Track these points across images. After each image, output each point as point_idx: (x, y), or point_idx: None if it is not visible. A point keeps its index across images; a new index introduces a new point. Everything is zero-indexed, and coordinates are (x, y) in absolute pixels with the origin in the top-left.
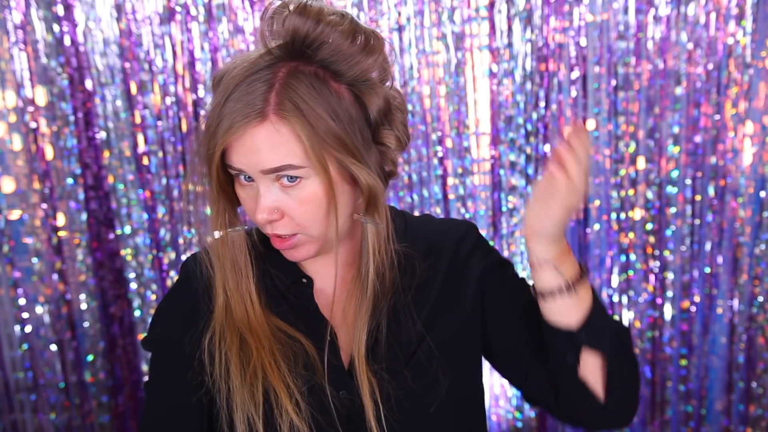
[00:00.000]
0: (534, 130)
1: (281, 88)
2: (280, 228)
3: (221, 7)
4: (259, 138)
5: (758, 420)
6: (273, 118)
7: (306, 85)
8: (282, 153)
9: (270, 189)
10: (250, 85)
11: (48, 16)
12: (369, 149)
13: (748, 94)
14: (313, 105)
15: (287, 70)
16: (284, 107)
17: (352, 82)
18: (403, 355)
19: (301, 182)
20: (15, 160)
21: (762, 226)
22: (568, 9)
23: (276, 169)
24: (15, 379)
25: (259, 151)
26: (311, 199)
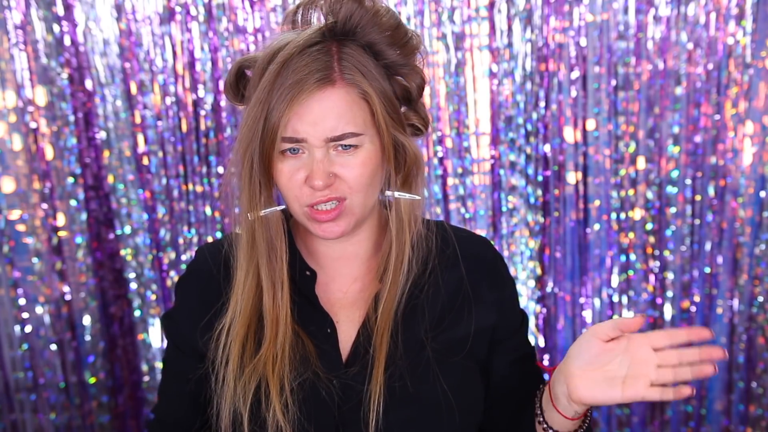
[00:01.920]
0: (534, 130)
1: (340, 56)
2: (334, 190)
3: (221, 7)
4: (328, 103)
5: (758, 420)
6: (341, 83)
7: (360, 54)
8: (347, 119)
9: (327, 154)
10: (312, 55)
11: (48, 16)
12: (406, 125)
13: (748, 94)
14: (377, 76)
15: (338, 45)
16: (349, 71)
17: (391, 65)
18: (415, 344)
19: (357, 148)
20: (15, 160)
21: (762, 226)
22: (568, 9)
23: (341, 137)
24: (15, 379)
25: (326, 119)
26: (366, 163)
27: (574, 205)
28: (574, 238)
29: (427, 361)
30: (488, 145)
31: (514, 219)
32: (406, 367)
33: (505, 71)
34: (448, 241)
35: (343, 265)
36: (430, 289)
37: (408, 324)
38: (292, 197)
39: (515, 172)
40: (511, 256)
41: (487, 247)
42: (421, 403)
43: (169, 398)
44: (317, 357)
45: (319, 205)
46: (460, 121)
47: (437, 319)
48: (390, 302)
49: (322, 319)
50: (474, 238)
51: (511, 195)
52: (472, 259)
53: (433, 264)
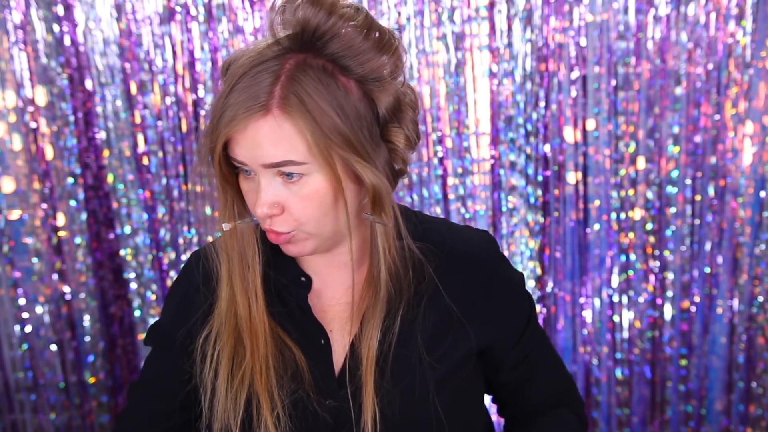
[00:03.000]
0: (534, 130)
1: (287, 81)
2: (278, 224)
3: (221, 7)
4: (261, 132)
5: (758, 420)
6: (276, 112)
7: (313, 79)
8: (284, 148)
9: (271, 183)
10: (255, 76)
11: (48, 16)
12: (377, 147)
13: (748, 94)
14: (319, 100)
15: (295, 62)
16: (288, 102)
17: (362, 78)
18: (407, 367)
19: (303, 178)
20: (15, 160)
21: (762, 226)
22: (568, 9)
23: (277, 164)
24: (15, 379)
25: (261, 146)
26: (312, 195)
27: (574, 205)
28: (574, 238)
29: (420, 384)
30: (488, 145)
31: (514, 219)
32: (397, 393)
33: (505, 71)
34: (440, 251)
35: (336, 272)
36: (422, 307)
37: (399, 346)
38: (254, 215)
39: (515, 172)
40: (511, 256)
41: (483, 247)
42: (415, 428)
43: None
44: (309, 371)
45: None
46: (460, 121)
47: (430, 340)
48: (373, 328)
49: (316, 329)
50: (469, 241)
51: (511, 195)
52: (465, 267)
53: (425, 280)
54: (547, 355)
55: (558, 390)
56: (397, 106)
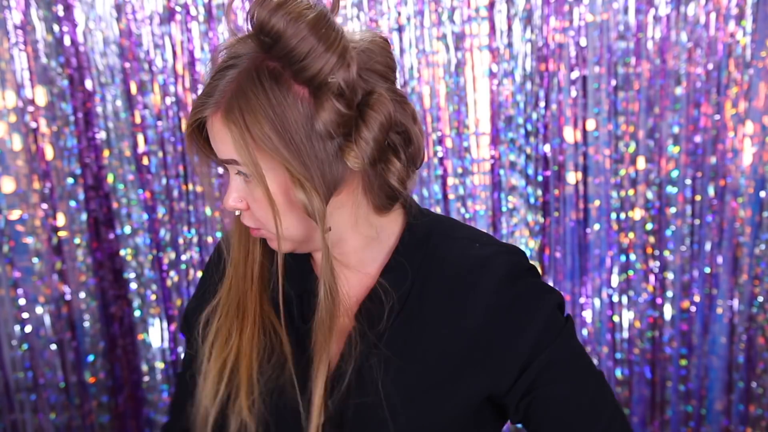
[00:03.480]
0: (534, 130)
1: (237, 87)
2: (246, 219)
3: (221, 7)
4: (213, 130)
5: (758, 420)
6: (219, 114)
7: (259, 87)
8: (228, 148)
9: (235, 179)
10: (220, 71)
11: (48, 16)
12: (325, 161)
13: (748, 94)
14: (257, 111)
15: (253, 65)
16: (228, 106)
17: (311, 82)
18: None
19: (253, 180)
20: (15, 160)
21: (762, 226)
22: (568, 9)
23: (226, 161)
24: (15, 379)
25: (215, 141)
26: (260, 198)
27: (574, 205)
28: (574, 238)
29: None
30: (488, 145)
31: (514, 219)
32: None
33: (505, 71)
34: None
35: (343, 276)
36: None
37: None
38: None
39: (515, 172)
40: None
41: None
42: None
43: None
44: (293, 364)
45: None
46: (460, 121)
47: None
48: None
49: (307, 335)
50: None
51: (511, 195)
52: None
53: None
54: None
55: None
56: (337, 122)
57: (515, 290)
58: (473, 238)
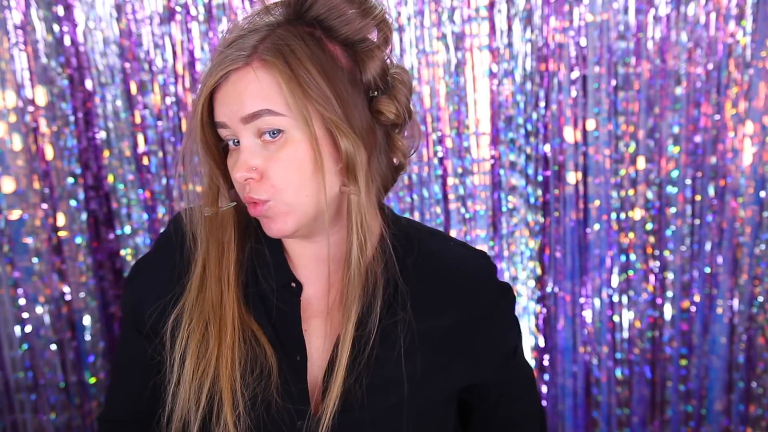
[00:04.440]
0: (534, 130)
1: (271, 38)
2: (255, 190)
3: (221, 7)
4: (240, 84)
5: (758, 420)
6: (256, 64)
7: (299, 39)
8: (261, 98)
9: (251, 144)
10: (243, 37)
11: (48, 16)
12: (360, 116)
13: (748, 94)
14: (301, 57)
15: (283, 29)
16: (269, 53)
17: (347, 41)
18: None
19: (282, 137)
20: (15, 160)
21: (762, 226)
22: (568, 9)
23: (255, 115)
24: (15, 379)
25: (240, 97)
26: (292, 157)
27: (574, 205)
28: (574, 238)
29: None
30: (488, 145)
31: (514, 219)
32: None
33: (505, 71)
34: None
35: (319, 266)
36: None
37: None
38: (238, 192)
39: (515, 172)
40: (511, 256)
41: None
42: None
43: (127, 391)
44: (278, 373)
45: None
46: (460, 121)
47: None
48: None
49: (296, 341)
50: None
51: (511, 195)
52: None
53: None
54: (528, 390)
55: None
56: (383, 75)
57: (495, 290)
58: (447, 237)
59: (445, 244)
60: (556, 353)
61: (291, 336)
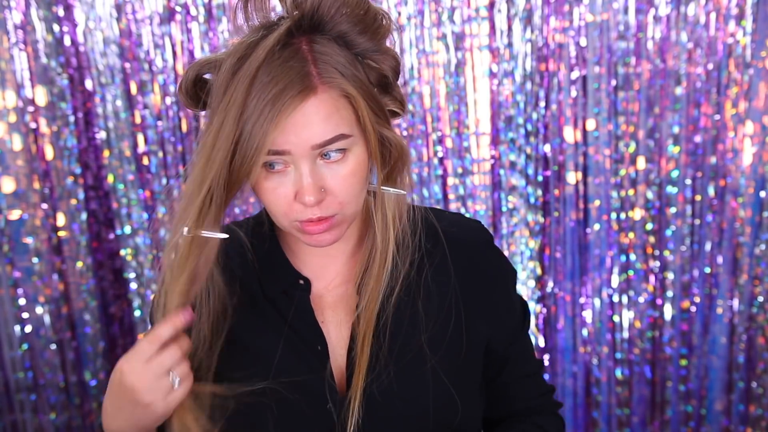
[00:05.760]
0: (534, 130)
1: (314, 57)
2: (323, 209)
3: (221, 7)
4: (310, 111)
5: (758, 420)
6: (322, 88)
7: (333, 49)
8: (335, 122)
9: (314, 167)
10: (282, 63)
11: (48, 16)
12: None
13: (748, 94)
14: (348, 66)
15: (307, 42)
16: (327, 74)
17: (364, 52)
18: (404, 345)
19: (346, 155)
20: (15, 160)
21: (762, 226)
22: (568, 9)
23: (328, 141)
24: (15, 379)
25: (311, 125)
26: (355, 170)
27: (574, 205)
28: (574, 238)
29: (415, 372)
30: (488, 145)
31: (514, 219)
32: (390, 377)
33: (505, 71)
34: (435, 236)
35: (329, 262)
36: (420, 291)
37: (395, 328)
38: (281, 213)
39: (515, 172)
40: (511, 256)
41: (476, 236)
42: (403, 417)
43: None
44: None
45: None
46: (460, 121)
47: (426, 325)
48: (373, 304)
49: (315, 336)
50: (462, 226)
51: (511, 195)
52: (460, 255)
53: (422, 262)
54: (530, 360)
55: (537, 394)
56: (393, 76)
57: (499, 253)
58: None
59: (444, 215)
60: (556, 353)
61: (309, 330)
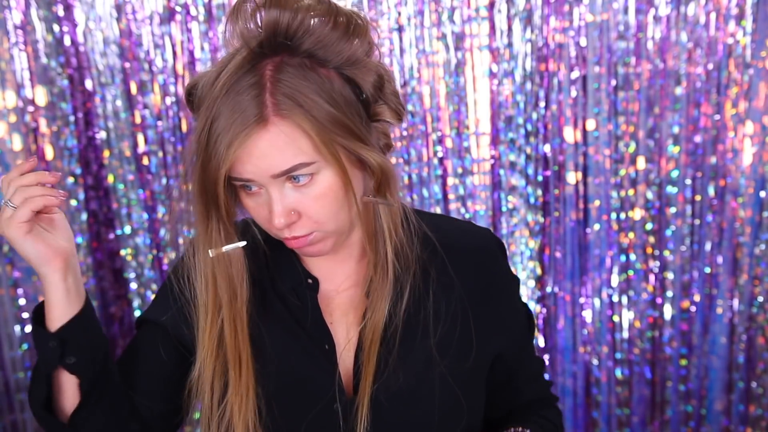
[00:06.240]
0: (534, 130)
1: (273, 86)
2: (298, 229)
3: (221, 7)
4: (264, 144)
5: (758, 420)
6: (274, 120)
7: (296, 76)
8: (291, 153)
9: (283, 191)
10: (239, 94)
11: (48, 16)
12: (369, 128)
13: (748, 94)
14: (310, 94)
15: (273, 66)
16: (283, 105)
17: (340, 66)
18: (412, 351)
19: (313, 178)
20: (15, 160)
21: (762, 226)
22: (568, 9)
23: (287, 171)
24: (15, 379)
25: (267, 156)
26: (326, 192)
27: (574, 205)
28: (574, 238)
29: (422, 377)
30: (488, 145)
31: (514, 219)
32: (399, 382)
33: (505, 71)
34: (432, 245)
35: (337, 264)
36: (427, 297)
37: (404, 334)
38: (265, 228)
39: (515, 172)
40: (511, 256)
41: (482, 244)
42: (408, 422)
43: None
44: (310, 364)
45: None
46: (460, 121)
47: (434, 331)
48: (380, 313)
49: (322, 335)
50: (470, 234)
51: (511, 195)
52: (465, 263)
53: (426, 270)
54: (535, 360)
55: (541, 390)
56: (379, 83)
57: (505, 262)
58: (443, 215)
59: (452, 224)
60: (556, 353)
61: (316, 328)
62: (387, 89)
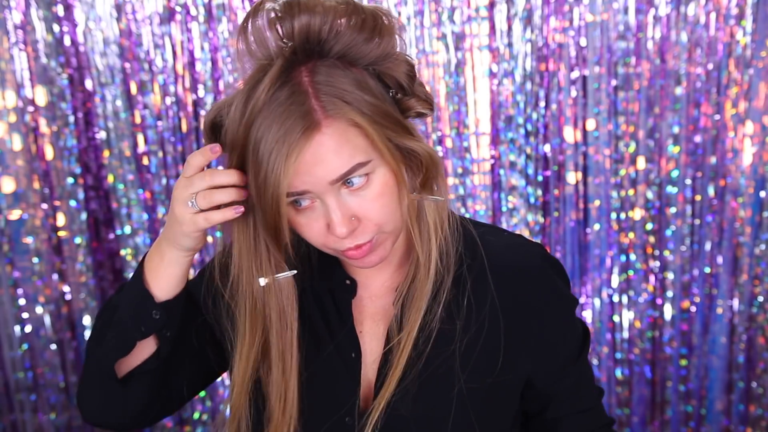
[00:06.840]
0: (534, 130)
1: (315, 90)
2: (361, 236)
3: (221, 7)
4: (321, 149)
5: (758, 420)
6: (326, 122)
7: (334, 75)
8: (348, 154)
9: (340, 198)
10: (281, 106)
11: (48, 16)
12: (406, 121)
13: (748, 94)
14: (353, 91)
15: (308, 72)
16: (330, 106)
17: (371, 63)
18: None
19: (369, 178)
20: (15, 160)
21: (762, 226)
22: (568, 9)
23: (346, 174)
24: (15, 379)
25: (324, 161)
26: (383, 191)
27: (574, 205)
28: (574, 238)
29: (440, 394)
30: (488, 145)
31: (514, 219)
32: (415, 397)
33: (505, 71)
34: (474, 247)
35: (375, 271)
36: (459, 310)
37: (432, 347)
38: (320, 244)
39: (515, 172)
40: None
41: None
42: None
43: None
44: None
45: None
46: (460, 121)
47: (459, 345)
48: (415, 324)
49: (350, 342)
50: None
51: (511, 195)
52: (507, 280)
53: (462, 276)
54: (586, 395)
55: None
56: (411, 73)
57: (554, 283)
58: (493, 227)
59: (499, 237)
60: None
61: (346, 334)
62: (416, 80)
